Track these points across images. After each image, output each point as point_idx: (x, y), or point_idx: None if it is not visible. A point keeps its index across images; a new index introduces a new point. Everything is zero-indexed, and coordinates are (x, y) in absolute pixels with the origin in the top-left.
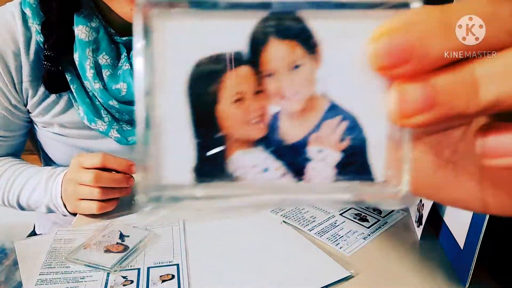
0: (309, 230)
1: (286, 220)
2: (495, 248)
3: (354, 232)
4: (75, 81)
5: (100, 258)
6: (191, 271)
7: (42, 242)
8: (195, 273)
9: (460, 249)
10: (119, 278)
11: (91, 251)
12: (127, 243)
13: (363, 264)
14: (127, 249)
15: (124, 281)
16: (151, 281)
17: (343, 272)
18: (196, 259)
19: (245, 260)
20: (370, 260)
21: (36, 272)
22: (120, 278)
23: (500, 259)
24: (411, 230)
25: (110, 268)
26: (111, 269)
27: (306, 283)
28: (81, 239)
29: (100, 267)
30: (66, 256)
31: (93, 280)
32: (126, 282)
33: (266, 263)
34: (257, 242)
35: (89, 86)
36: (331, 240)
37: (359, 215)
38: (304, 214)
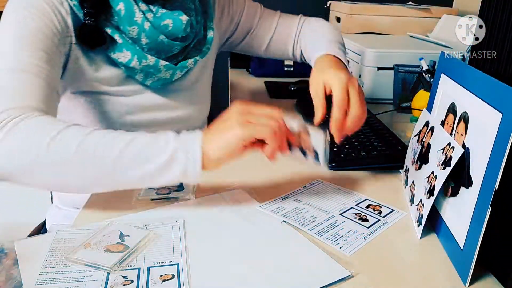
0: (309, 230)
1: (286, 220)
2: (495, 248)
3: (354, 232)
4: (115, 31)
5: (100, 258)
6: (191, 271)
7: (42, 242)
8: (195, 273)
9: (460, 249)
10: (119, 277)
11: (91, 251)
12: (127, 243)
13: (363, 264)
14: (127, 248)
15: (124, 280)
16: (151, 281)
17: (343, 272)
18: (196, 259)
19: (245, 260)
20: (370, 260)
21: (36, 272)
22: (120, 278)
23: (500, 258)
24: (411, 230)
25: (110, 268)
26: (111, 268)
27: (306, 283)
28: (81, 239)
29: (100, 267)
30: (66, 256)
31: (93, 280)
32: (126, 282)
33: (266, 263)
34: (257, 242)
35: (135, 30)
36: (331, 240)
37: (359, 214)
38: (304, 214)
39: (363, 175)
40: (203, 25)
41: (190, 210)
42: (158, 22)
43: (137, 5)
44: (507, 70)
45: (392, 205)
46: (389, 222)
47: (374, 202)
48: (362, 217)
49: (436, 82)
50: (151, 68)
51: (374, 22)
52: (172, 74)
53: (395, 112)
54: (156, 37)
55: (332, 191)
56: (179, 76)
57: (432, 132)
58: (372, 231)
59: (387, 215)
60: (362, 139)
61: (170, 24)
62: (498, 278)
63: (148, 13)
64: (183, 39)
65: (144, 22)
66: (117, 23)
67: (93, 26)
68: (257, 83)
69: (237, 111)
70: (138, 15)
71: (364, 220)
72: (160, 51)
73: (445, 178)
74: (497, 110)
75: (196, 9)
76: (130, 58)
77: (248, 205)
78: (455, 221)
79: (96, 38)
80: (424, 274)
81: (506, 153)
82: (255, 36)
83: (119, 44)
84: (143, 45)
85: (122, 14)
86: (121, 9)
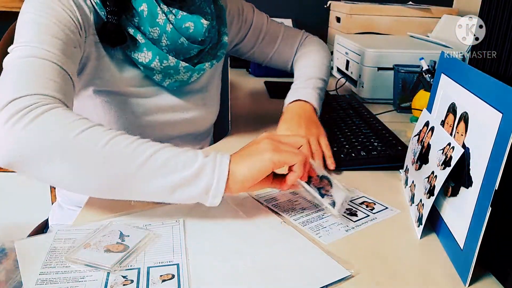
0: (294, 220)
1: (272, 208)
2: (495, 248)
3: (338, 224)
4: (137, 32)
5: (100, 258)
6: (191, 271)
7: (42, 242)
8: (195, 273)
9: (460, 249)
10: (119, 277)
11: (91, 251)
12: (127, 243)
13: (363, 264)
14: (127, 248)
15: (124, 280)
16: (151, 281)
17: (343, 272)
18: (196, 259)
19: (245, 260)
20: (370, 260)
21: (36, 272)
22: (120, 277)
23: (500, 258)
24: (411, 230)
25: (110, 267)
26: (111, 268)
27: (306, 283)
28: (81, 239)
29: (100, 267)
30: (66, 256)
31: (93, 280)
32: (126, 282)
33: (266, 263)
34: (257, 242)
35: (157, 32)
36: (313, 229)
37: (349, 209)
38: (295, 205)
39: (363, 175)
40: (218, 30)
41: (190, 210)
42: (180, 24)
43: (159, 7)
44: (507, 70)
45: (390, 204)
46: (378, 218)
47: (370, 200)
48: (352, 212)
49: (436, 82)
50: (171, 69)
51: (374, 22)
52: (189, 76)
53: (395, 112)
54: (177, 39)
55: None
56: (195, 78)
57: (432, 132)
58: (358, 225)
59: (378, 212)
60: (362, 139)
61: (191, 26)
62: (498, 278)
63: (169, 15)
64: (201, 43)
65: (167, 24)
66: (139, 24)
67: (115, 25)
68: (257, 83)
69: (268, 138)
70: (161, 16)
71: (352, 214)
72: (178, 53)
73: (445, 178)
74: (497, 110)
75: (212, 13)
76: (151, 58)
77: (248, 205)
78: (455, 221)
79: (117, 37)
80: (424, 274)
81: (506, 153)
82: (259, 49)
83: (141, 44)
84: (163, 46)
85: (145, 15)
86: (144, 10)
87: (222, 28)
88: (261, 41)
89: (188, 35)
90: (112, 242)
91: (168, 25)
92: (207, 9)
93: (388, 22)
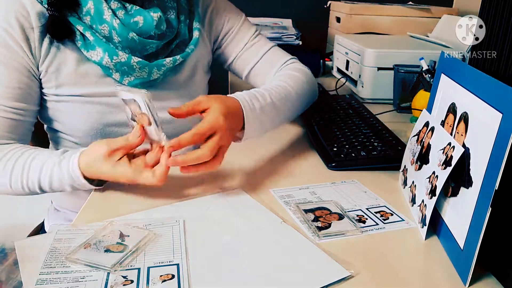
0: (297, 218)
1: (282, 203)
2: (495, 248)
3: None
4: (87, 29)
5: (100, 258)
6: (191, 271)
7: (42, 242)
8: (195, 273)
9: (460, 249)
10: (119, 278)
11: (91, 251)
12: (127, 243)
13: (363, 264)
14: (127, 249)
15: (124, 281)
16: (151, 281)
17: (343, 272)
18: (196, 259)
19: (245, 260)
20: (370, 260)
21: (36, 272)
22: (120, 278)
23: (500, 258)
24: (411, 230)
25: (110, 268)
26: (111, 269)
27: (306, 283)
28: (81, 239)
29: (100, 267)
30: (66, 256)
31: (93, 280)
32: (126, 282)
33: (266, 263)
34: (257, 242)
35: (106, 29)
36: (309, 227)
37: (361, 216)
38: (306, 204)
39: (363, 175)
40: (188, 26)
41: (190, 210)
42: (128, 20)
43: (106, 3)
44: (507, 70)
45: (390, 204)
46: (386, 229)
47: (389, 210)
48: (362, 219)
49: (436, 82)
50: (124, 65)
51: (374, 22)
52: (148, 73)
53: (395, 112)
54: (126, 35)
55: (354, 193)
56: (157, 75)
57: (432, 132)
58: (361, 232)
59: (391, 223)
60: (362, 139)
61: (140, 21)
62: (498, 278)
63: (119, 11)
64: (159, 37)
65: (113, 20)
66: (90, 22)
67: (56, 17)
68: None
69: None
70: (107, 13)
71: (361, 221)
72: (134, 49)
73: (446, 178)
74: (497, 110)
75: (179, 8)
76: (102, 55)
77: (248, 205)
78: (455, 221)
79: (61, 30)
80: (424, 274)
81: (506, 153)
82: (239, 60)
83: (92, 41)
84: (116, 44)
85: (92, 12)
86: (91, 8)
87: (194, 23)
88: (242, 52)
89: (139, 29)
90: (112, 242)
91: (115, 20)
92: (170, 3)
93: (388, 22)
